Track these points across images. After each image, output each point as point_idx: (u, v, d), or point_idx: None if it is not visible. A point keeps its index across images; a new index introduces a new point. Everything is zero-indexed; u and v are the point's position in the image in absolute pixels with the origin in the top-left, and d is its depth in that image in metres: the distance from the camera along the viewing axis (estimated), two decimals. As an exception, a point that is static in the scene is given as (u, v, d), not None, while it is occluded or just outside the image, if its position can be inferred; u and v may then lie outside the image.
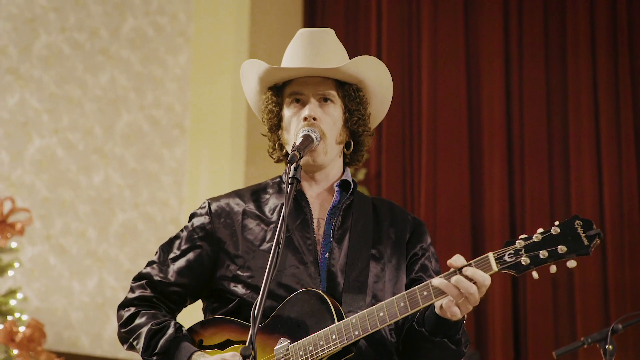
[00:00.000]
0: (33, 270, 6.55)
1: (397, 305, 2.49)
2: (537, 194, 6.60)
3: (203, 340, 2.70)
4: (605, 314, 6.21)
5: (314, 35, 2.84)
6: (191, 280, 2.78)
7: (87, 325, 6.68)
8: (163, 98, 7.31)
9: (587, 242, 2.36)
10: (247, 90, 2.94)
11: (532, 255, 2.41)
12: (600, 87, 6.57)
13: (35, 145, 6.72)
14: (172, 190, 7.22)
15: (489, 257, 2.47)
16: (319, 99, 2.76)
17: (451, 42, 7.04)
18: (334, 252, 2.71)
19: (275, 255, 2.36)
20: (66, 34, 6.96)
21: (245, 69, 2.88)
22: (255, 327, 2.26)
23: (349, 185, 2.82)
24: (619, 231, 6.31)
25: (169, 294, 2.79)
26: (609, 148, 6.47)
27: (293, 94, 2.77)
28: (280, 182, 2.87)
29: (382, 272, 2.74)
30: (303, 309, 2.59)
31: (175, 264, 2.80)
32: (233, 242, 2.75)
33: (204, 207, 2.86)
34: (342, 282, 2.68)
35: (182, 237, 2.84)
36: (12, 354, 5.36)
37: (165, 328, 2.68)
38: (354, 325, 2.50)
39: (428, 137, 6.97)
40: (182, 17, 7.48)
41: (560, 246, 2.38)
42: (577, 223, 2.39)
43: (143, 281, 2.81)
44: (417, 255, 2.82)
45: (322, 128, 2.73)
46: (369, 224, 2.79)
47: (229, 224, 2.78)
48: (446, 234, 6.77)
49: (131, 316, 2.75)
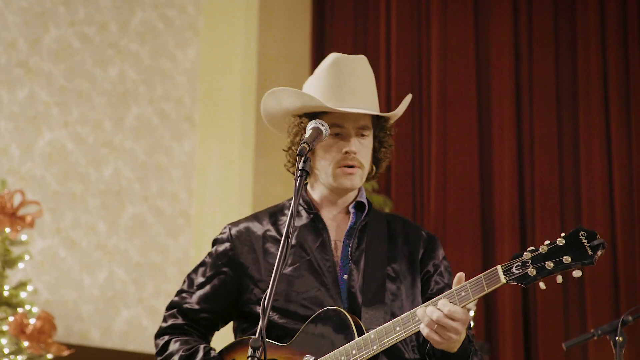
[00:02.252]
0: (43, 263, 6.57)
1: (412, 319, 2.58)
2: (547, 187, 6.59)
3: (235, 359, 2.80)
4: (615, 306, 6.20)
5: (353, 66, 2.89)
6: (217, 305, 2.88)
7: (97, 317, 6.71)
8: (172, 91, 7.31)
9: (591, 252, 2.45)
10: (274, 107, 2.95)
11: (539, 267, 2.47)
12: (610, 80, 6.55)
13: (45, 138, 6.74)
14: (182, 183, 7.23)
15: (497, 270, 2.51)
16: (357, 132, 2.84)
17: (461, 37, 7.02)
18: (353, 274, 2.81)
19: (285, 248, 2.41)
20: (75, 28, 6.97)
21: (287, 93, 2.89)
22: (265, 319, 2.30)
23: (364, 206, 2.91)
24: (629, 223, 6.30)
25: (199, 320, 2.89)
26: (619, 141, 6.45)
27: (334, 125, 2.81)
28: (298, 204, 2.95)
29: (398, 291, 2.83)
30: (325, 326, 2.70)
31: (201, 291, 2.89)
32: (256, 266, 2.84)
33: (225, 232, 2.93)
34: (361, 303, 2.77)
35: (207, 263, 2.93)
36: (23, 346, 5.38)
37: (195, 353, 2.80)
38: (373, 340, 2.61)
39: (438, 131, 6.96)
40: (191, 11, 7.48)
41: (565, 256, 2.45)
42: (582, 234, 2.48)
43: (174, 310, 2.91)
44: (430, 272, 2.90)
45: (360, 160, 2.84)
46: (383, 244, 2.88)
47: (251, 249, 2.87)
48: (456, 228, 6.76)
49: (165, 344, 2.86)
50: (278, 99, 2.92)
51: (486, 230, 6.75)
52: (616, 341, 3.80)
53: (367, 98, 2.87)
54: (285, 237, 2.40)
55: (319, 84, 2.88)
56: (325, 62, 2.90)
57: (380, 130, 2.92)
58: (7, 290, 5.51)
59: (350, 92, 2.84)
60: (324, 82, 2.87)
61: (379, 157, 2.94)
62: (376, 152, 2.92)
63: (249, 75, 7.12)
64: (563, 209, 6.56)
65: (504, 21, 6.90)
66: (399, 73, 7.16)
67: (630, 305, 5.73)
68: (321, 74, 2.89)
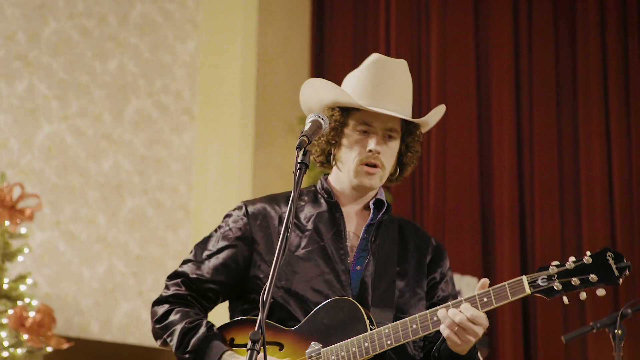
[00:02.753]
0: (43, 256, 6.57)
1: (430, 319, 2.63)
2: (546, 180, 6.59)
3: (234, 338, 2.78)
4: (614, 299, 6.21)
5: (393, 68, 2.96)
6: (227, 277, 2.87)
7: (97, 310, 6.71)
8: (172, 84, 7.31)
9: (617, 273, 2.54)
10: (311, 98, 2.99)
11: (564, 282, 2.55)
12: (609, 75, 6.55)
13: (45, 131, 6.73)
14: (181, 176, 7.23)
15: (522, 281, 2.59)
16: (384, 133, 2.88)
17: (460, 32, 7.02)
18: (369, 267, 2.84)
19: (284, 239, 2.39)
20: (75, 21, 6.96)
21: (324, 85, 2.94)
22: (265, 312, 2.29)
23: (383, 205, 2.94)
24: (628, 217, 6.31)
25: (204, 292, 2.87)
26: (618, 134, 6.46)
27: (363, 123, 2.88)
28: (316, 191, 2.98)
29: (405, 288, 2.87)
30: (336, 316, 2.71)
31: (211, 261, 2.88)
32: (267, 245, 2.85)
33: (241, 207, 2.94)
34: (370, 295, 2.81)
35: (217, 235, 2.92)
36: (22, 338, 5.39)
37: (197, 327, 2.77)
38: (387, 334, 2.64)
39: (437, 125, 6.85)
40: (190, 4, 7.47)
41: (591, 275, 2.54)
42: (609, 255, 2.56)
43: (178, 279, 2.88)
44: (436, 279, 2.95)
45: (382, 160, 2.87)
46: (395, 243, 2.92)
47: (265, 227, 2.88)
48: (455, 222, 6.77)
49: (165, 313, 2.83)
50: (314, 89, 2.96)
51: (485, 224, 6.76)
52: (615, 334, 3.80)
53: (401, 102, 2.91)
54: (284, 230, 2.39)
55: (357, 81, 2.93)
56: (367, 61, 2.96)
57: (409, 136, 2.95)
58: (7, 283, 5.52)
59: (384, 93, 2.89)
60: (361, 79, 2.92)
61: (405, 162, 2.97)
62: (402, 156, 2.96)
63: (249, 68, 7.11)
64: (562, 204, 6.57)
65: (504, 16, 6.89)
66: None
67: (629, 298, 5.73)
68: (361, 71, 2.94)
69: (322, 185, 2.96)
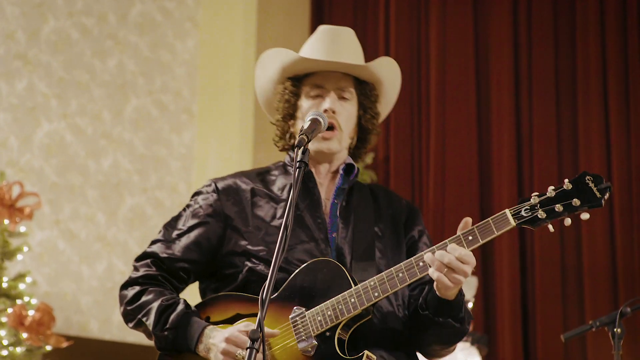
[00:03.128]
0: (42, 254, 6.57)
1: (416, 264, 2.58)
2: (545, 178, 6.58)
3: (210, 317, 2.72)
4: (613, 298, 6.21)
5: (337, 32, 2.93)
6: (199, 256, 2.80)
7: (96, 309, 6.71)
8: (171, 83, 7.31)
9: (599, 194, 2.52)
10: (262, 78, 2.98)
11: (548, 210, 2.53)
12: (609, 73, 6.55)
13: (44, 130, 6.73)
14: (181, 175, 7.23)
15: (506, 214, 2.58)
16: (339, 94, 2.84)
17: (460, 29, 7.01)
18: (341, 231, 2.78)
19: (284, 239, 2.35)
20: (74, 19, 6.96)
21: (269, 56, 2.93)
22: (264, 311, 2.25)
23: (352, 169, 2.89)
24: (627, 215, 6.31)
25: (176, 271, 2.80)
26: (618, 133, 6.45)
27: (315, 86, 2.84)
28: (285, 165, 2.93)
29: (385, 249, 2.82)
30: (317, 277, 2.65)
31: (182, 240, 2.82)
32: (242, 218, 2.79)
33: (210, 185, 2.89)
34: (350, 258, 2.74)
35: (186, 214, 2.87)
36: (22, 337, 5.39)
37: (175, 304, 2.70)
38: (373, 287, 2.58)
39: (436, 122, 6.96)
40: (190, 2, 7.47)
41: (574, 199, 2.51)
42: (588, 178, 2.54)
43: (148, 260, 2.81)
44: (415, 237, 2.91)
45: (339, 121, 2.82)
46: (369, 205, 2.88)
47: (237, 202, 2.82)
48: (454, 219, 6.71)
49: (137, 294, 2.75)
50: (263, 68, 2.94)
51: (485, 221, 6.75)
52: (614, 333, 3.81)
53: (352, 57, 2.88)
54: (284, 228, 2.36)
55: (306, 47, 2.92)
56: (315, 32, 2.94)
57: (364, 96, 2.90)
58: (6, 281, 5.52)
59: (334, 51, 2.85)
60: (308, 45, 2.91)
61: (365, 126, 2.91)
62: (361, 120, 2.90)
63: (248, 67, 7.10)
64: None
65: (503, 15, 6.89)
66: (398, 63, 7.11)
67: (628, 297, 5.74)
68: (308, 41, 2.94)
69: (291, 156, 2.92)
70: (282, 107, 2.89)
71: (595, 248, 6.31)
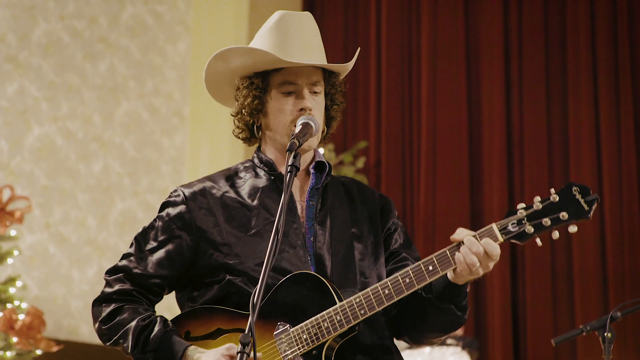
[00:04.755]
0: (32, 258, 6.55)
1: (403, 281, 2.52)
2: (536, 183, 6.60)
3: (190, 331, 2.65)
4: (604, 302, 6.22)
5: (299, 21, 2.81)
6: (171, 271, 2.71)
7: (87, 313, 6.69)
8: (162, 86, 7.30)
9: (587, 207, 2.47)
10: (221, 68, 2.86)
11: (535, 224, 2.49)
12: (600, 77, 6.57)
13: (35, 133, 6.71)
14: (172, 178, 7.22)
15: (492, 228, 2.52)
16: (310, 88, 2.76)
17: (451, 31, 7.03)
18: (319, 235, 2.72)
19: (275, 243, 2.33)
20: (65, 22, 6.94)
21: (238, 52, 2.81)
22: (255, 315, 2.22)
23: (324, 167, 2.82)
24: (618, 220, 6.32)
25: (149, 287, 2.72)
26: (608, 137, 6.48)
27: (286, 83, 2.75)
28: (254, 166, 2.85)
29: (365, 250, 2.76)
30: (299, 292, 2.57)
31: (154, 256, 2.72)
32: (217, 230, 2.69)
33: (178, 194, 2.77)
34: (330, 264, 2.68)
35: (157, 227, 2.75)
36: (12, 341, 5.37)
37: (152, 324, 2.63)
38: (359, 304, 2.52)
39: (427, 126, 6.97)
40: (181, 6, 7.47)
41: (562, 213, 2.47)
42: (575, 189, 2.48)
43: (120, 274, 2.73)
44: (391, 230, 2.85)
45: (315, 117, 2.73)
46: (345, 205, 2.81)
47: (209, 212, 2.72)
48: (445, 223, 6.77)
49: (112, 312, 2.68)
50: (226, 60, 2.82)
51: (475, 225, 6.75)
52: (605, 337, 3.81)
53: (316, 52, 2.79)
54: (275, 233, 2.33)
55: (265, 41, 2.79)
56: (270, 21, 2.84)
57: (332, 87, 2.83)
58: (-4, 285, 5.50)
59: (299, 48, 2.75)
60: (271, 39, 2.78)
61: (331, 115, 2.85)
62: (327, 110, 2.84)
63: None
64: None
65: (494, 18, 6.90)
66: (390, 69, 7.16)
67: (618, 302, 5.75)
68: (267, 32, 2.81)
69: (261, 158, 2.82)
70: (248, 102, 2.78)
71: (586, 252, 6.33)
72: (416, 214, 6.90)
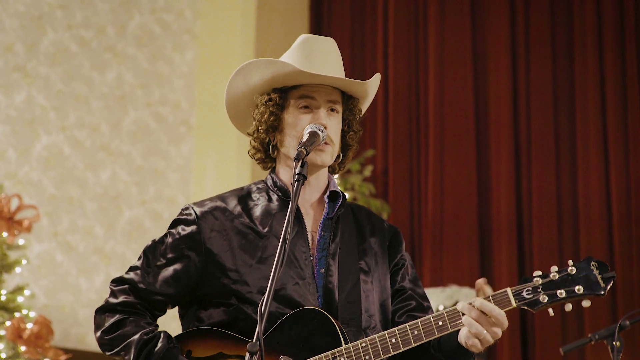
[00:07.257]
0: (40, 267, 6.56)
1: (411, 332, 2.52)
2: (544, 191, 6.59)
3: (192, 351, 2.64)
4: (612, 311, 6.20)
5: (323, 44, 2.80)
6: (177, 290, 2.70)
7: (94, 322, 6.69)
8: (169, 95, 7.31)
9: (603, 284, 2.49)
10: (241, 85, 2.87)
11: (550, 294, 2.50)
12: (607, 83, 6.56)
13: (42, 142, 6.73)
14: (179, 187, 7.23)
15: (507, 293, 2.53)
16: (328, 107, 2.73)
17: (458, 39, 7.03)
18: (331, 269, 2.70)
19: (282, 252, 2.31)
20: (73, 32, 6.97)
21: (258, 65, 2.79)
22: (262, 324, 2.22)
23: (337, 196, 2.78)
24: (626, 228, 6.30)
25: (153, 302, 2.71)
26: (616, 144, 6.46)
27: (304, 97, 2.72)
28: (267, 188, 2.81)
29: (370, 285, 2.74)
30: (305, 328, 2.57)
31: (161, 273, 2.71)
32: (227, 255, 2.67)
33: (190, 213, 2.75)
34: (337, 299, 2.66)
35: (167, 244, 2.74)
36: (20, 350, 5.37)
37: (155, 338, 2.62)
38: (364, 349, 2.52)
39: (435, 134, 6.96)
40: (188, 15, 7.48)
41: (577, 286, 2.49)
42: (593, 264, 2.50)
43: (126, 286, 2.72)
44: (398, 265, 2.84)
45: (331, 136, 2.70)
46: (354, 237, 2.78)
47: (221, 234, 2.70)
48: (453, 232, 6.76)
49: (116, 323, 2.67)
50: (246, 75, 2.81)
51: (483, 234, 6.75)
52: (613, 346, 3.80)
53: (337, 72, 2.76)
54: (282, 242, 2.32)
55: (287, 59, 2.77)
56: (295, 42, 2.82)
57: (350, 113, 2.79)
58: (4, 294, 5.50)
59: (320, 64, 2.72)
60: (292, 56, 2.76)
61: (347, 142, 2.80)
62: (344, 136, 2.79)
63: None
64: (560, 214, 6.56)
65: (502, 24, 6.90)
66: (396, 75, 7.16)
67: (627, 310, 5.73)
68: (291, 51, 2.79)
69: (274, 181, 2.78)
70: (265, 119, 2.75)
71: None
72: (424, 223, 6.89)
